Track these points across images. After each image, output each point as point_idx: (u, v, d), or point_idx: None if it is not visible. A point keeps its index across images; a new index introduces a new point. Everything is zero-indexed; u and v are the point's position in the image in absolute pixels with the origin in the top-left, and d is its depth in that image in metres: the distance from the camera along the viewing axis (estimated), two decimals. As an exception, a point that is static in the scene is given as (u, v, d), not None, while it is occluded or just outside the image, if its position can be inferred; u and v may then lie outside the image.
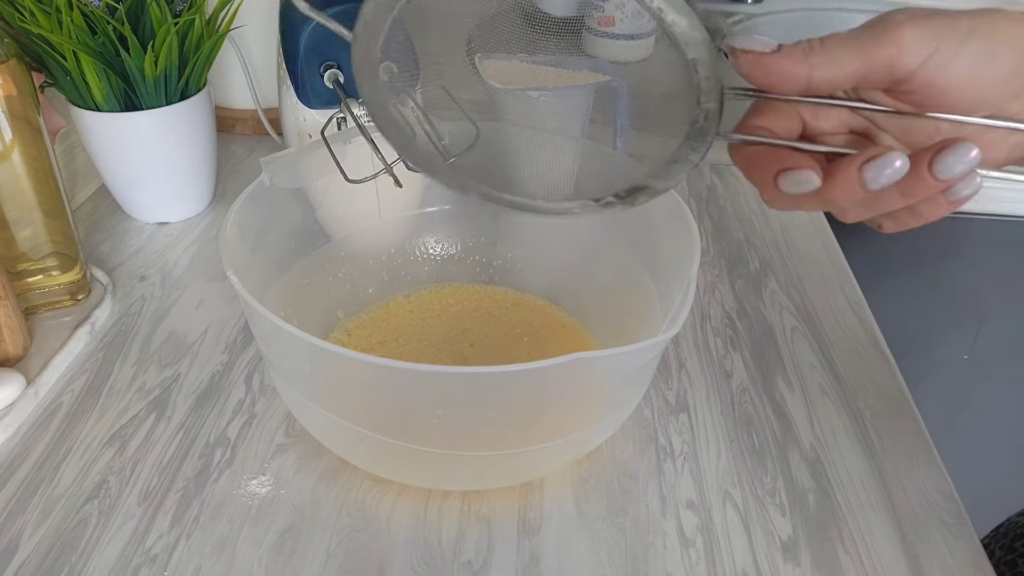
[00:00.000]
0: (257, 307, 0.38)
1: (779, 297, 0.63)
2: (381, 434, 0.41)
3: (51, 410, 0.51)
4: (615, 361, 0.37)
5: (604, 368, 0.38)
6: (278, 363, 0.43)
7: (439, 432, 0.40)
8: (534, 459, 0.43)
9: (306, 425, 0.46)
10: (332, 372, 0.40)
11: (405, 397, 0.40)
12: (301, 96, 0.57)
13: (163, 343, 0.56)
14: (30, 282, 0.55)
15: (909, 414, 0.53)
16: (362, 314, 0.56)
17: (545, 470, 0.47)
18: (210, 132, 0.68)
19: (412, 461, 0.42)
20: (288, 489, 0.46)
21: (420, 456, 0.41)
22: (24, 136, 0.51)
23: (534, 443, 0.42)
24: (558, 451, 0.44)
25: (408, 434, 0.41)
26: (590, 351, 0.35)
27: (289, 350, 0.41)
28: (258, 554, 0.42)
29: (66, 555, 0.42)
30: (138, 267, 0.64)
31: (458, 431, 0.41)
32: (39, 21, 0.56)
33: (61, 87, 0.62)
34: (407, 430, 0.41)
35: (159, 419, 0.50)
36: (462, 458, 0.42)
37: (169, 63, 0.61)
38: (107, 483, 0.46)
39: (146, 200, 0.69)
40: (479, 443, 0.41)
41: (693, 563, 0.43)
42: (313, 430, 0.45)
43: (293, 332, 0.37)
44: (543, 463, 0.45)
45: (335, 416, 0.41)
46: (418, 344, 0.54)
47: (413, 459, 0.42)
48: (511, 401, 0.39)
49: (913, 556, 0.43)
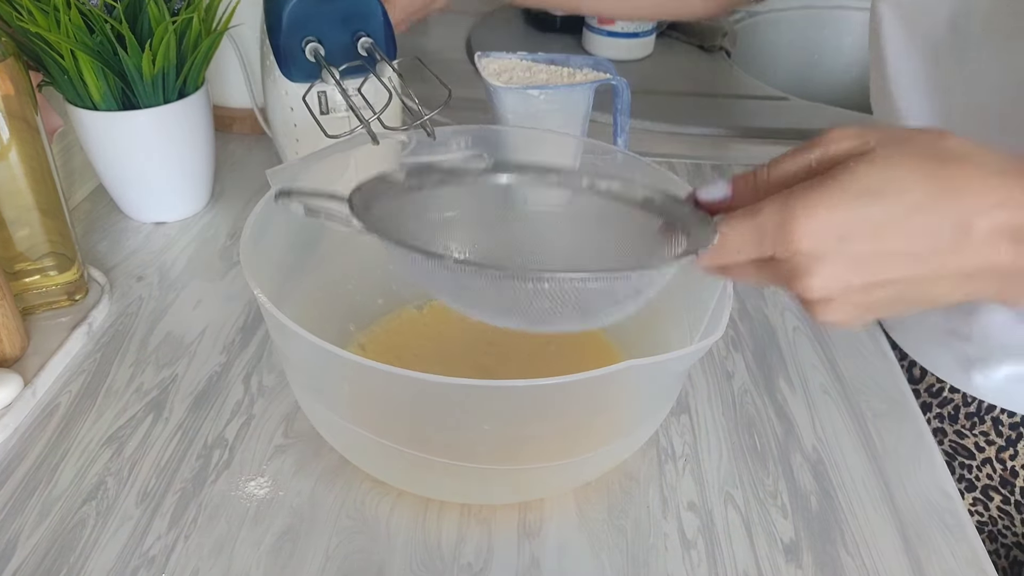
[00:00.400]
0: (299, 330, 0.36)
1: (781, 297, 0.63)
2: (424, 452, 0.39)
3: (49, 411, 0.50)
4: (664, 367, 0.36)
5: (653, 374, 0.37)
6: (311, 383, 0.42)
7: (484, 447, 0.39)
8: (579, 469, 0.42)
9: (335, 443, 0.44)
10: (374, 390, 0.38)
11: (453, 413, 0.38)
12: (283, 70, 0.57)
13: (161, 343, 0.56)
14: (27, 282, 0.55)
15: (911, 415, 0.52)
16: (374, 327, 0.54)
17: (587, 479, 0.45)
18: (208, 131, 0.68)
19: (455, 477, 0.41)
20: (287, 490, 0.46)
21: (464, 472, 0.40)
22: (21, 135, 0.51)
23: (581, 453, 0.41)
24: (602, 459, 0.43)
25: (452, 450, 0.39)
26: (634, 359, 0.34)
27: (327, 370, 0.39)
28: (256, 556, 0.42)
29: (64, 556, 0.42)
30: (136, 267, 0.64)
31: (507, 445, 0.39)
32: (37, 20, 0.55)
33: (59, 86, 0.62)
34: (451, 446, 0.39)
35: (157, 420, 0.50)
36: (508, 472, 0.40)
37: (167, 62, 0.61)
38: (105, 484, 0.46)
39: (144, 199, 0.68)
40: (527, 456, 0.39)
41: (694, 565, 0.42)
42: (345, 449, 0.44)
43: (338, 353, 0.35)
44: (586, 472, 0.44)
45: (373, 435, 0.39)
46: (438, 357, 0.52)
47: (456, 475, 0.40)
48: (565, 411, 0.38)
49: (915, 557, 0.43)
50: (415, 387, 0.36)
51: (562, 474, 0.42)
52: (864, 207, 0.30)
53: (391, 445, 0.40)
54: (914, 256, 0.31)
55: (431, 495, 0.45)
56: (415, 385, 0.35)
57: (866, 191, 0.30)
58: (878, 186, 0.30)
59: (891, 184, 0.30)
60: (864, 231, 0.31)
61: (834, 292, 0.32)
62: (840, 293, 0.32)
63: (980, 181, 0.31)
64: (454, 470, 0.40)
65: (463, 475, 0.40)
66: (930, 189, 0.31)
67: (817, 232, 0.31)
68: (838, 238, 0.31)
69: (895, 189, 0.30)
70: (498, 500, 0.45)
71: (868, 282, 0.32)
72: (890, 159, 0.31)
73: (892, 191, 0.30)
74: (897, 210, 0.31)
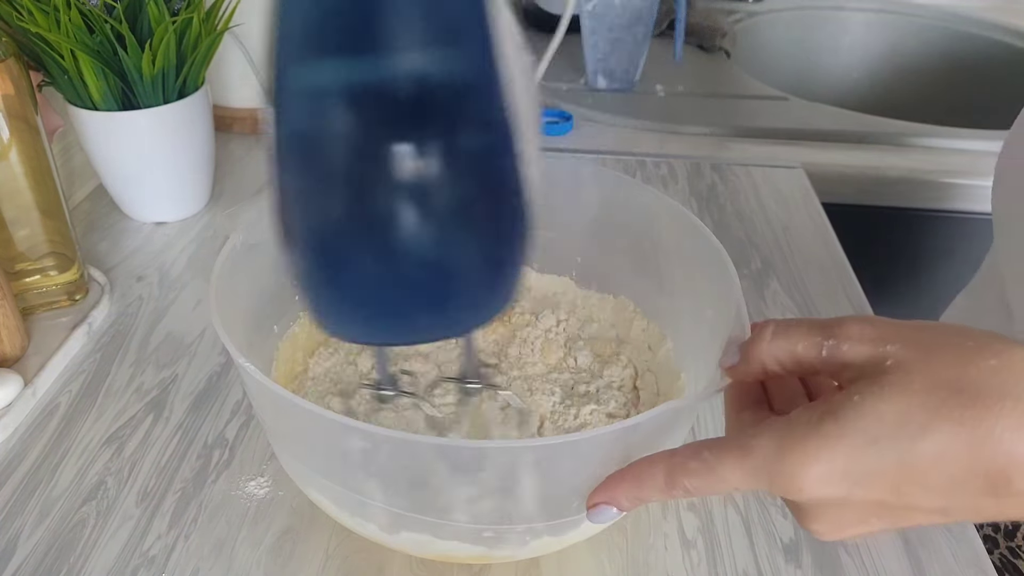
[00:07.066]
0: (320, 412, 0.31)
1: (781, 298, 0.63)
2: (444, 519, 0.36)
3: (49, 411, 0.50)
4: (695, 403, 0.34)
5: (687, 411, 0.36)
6: (318, 465, 0.37)
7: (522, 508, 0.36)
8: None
9: (350, 523, 0.39)
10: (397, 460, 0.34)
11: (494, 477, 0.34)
12: None
13: (161, 343, 0.56)
14: (28, 282, 0.55)
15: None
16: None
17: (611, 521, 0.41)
18: (208, 131, 0.68)
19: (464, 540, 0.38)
20: (287, 490, 0.46)
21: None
22: (22, 135, 0.51)
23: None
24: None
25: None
26: (675, 400, 0.33)
27: (341, 442, 0.35)
28: (256, 556, 0.42)
29: (64, 556, 0.42)
30: (136, 267, 0.64)
31: (541, 503, 0.35)
32: (37, 20, 0.55)
33: (59, 86, 0.62)
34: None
35: (157, 420, 0.50)
36: (536, 529, 0.37)
37: (167, 62, 0.61)
38: (105, 484, 0.46)
39: (144, 199, 0.68)
40: (559, 511, 0.36)
41: (694, 564, 0.42)
42: (360, 527, 0.39)
43: (370, 430, 0.31)
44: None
45: (391, 506, 0.36)
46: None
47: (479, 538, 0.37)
48: (603, 462, 0.33)
49: (915, 557, 0.43)
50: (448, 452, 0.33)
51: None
52: (874, 458, 0.26)
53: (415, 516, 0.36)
54: (941, 511, 0.27)
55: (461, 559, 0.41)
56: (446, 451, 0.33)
57: (875, 440, 0.26)
58: (890, 431, 0.26)
59: (905, 428, 0.26)
60: (875, 484, 0.26)
61: (846, 535, 0.29)
62: (851, 535, 0.29)
63: (1016, 421, 0.25)
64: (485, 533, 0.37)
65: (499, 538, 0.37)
66: (954, 433, 0.25)
67: (818, 483, 0.27)
68: (845, 490, 0.27)
69: (909, 434, 0.25)
70: (529, 555, 0.42)
71: (881, 529, 0.29)
72: (906, 390, 0.26)
73: (906, 436, 0.26)
74: (913, 458, 0.25)
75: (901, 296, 0.94)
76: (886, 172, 0.82)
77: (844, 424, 0.26)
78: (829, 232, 0.71)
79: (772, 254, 0.68)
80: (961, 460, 0.25)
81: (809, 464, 0.26)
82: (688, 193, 0.77)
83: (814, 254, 0.68)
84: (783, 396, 0.34)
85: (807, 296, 0.63)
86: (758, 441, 0.28)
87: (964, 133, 0.87)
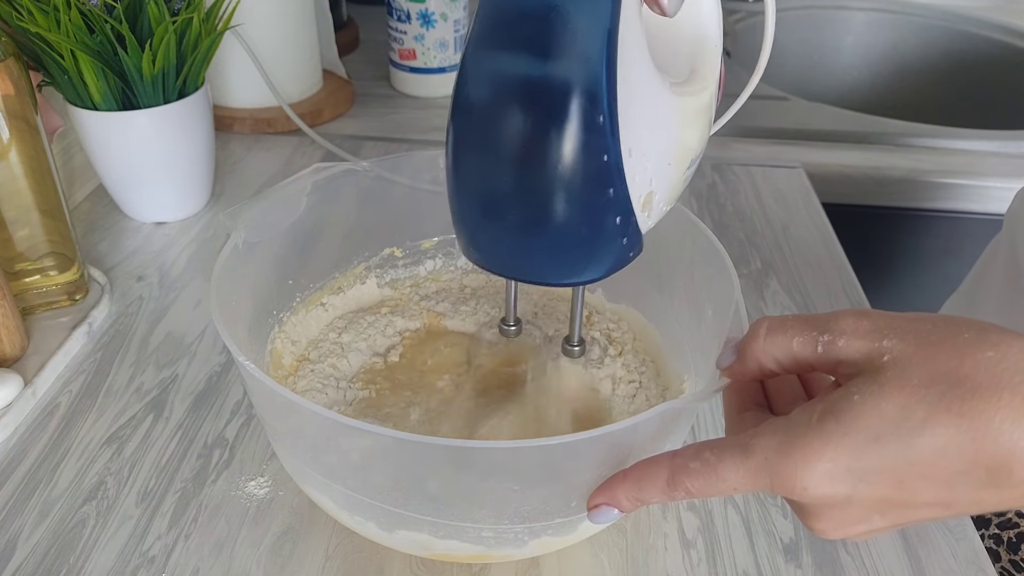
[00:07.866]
0: (320, 412, 0.32)
1: (781, 298, 0.63)
2: (449, 519, 0.36)
3: (49, 411, 0.50)
4: (694, 403, 0.34)
5: (687, 412, 0.36)
6: (318, 464, 0.37)
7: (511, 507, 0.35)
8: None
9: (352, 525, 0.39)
10: (399, 460, 0.35)
11: (489, 477, 0.35)
12: None
13: (161, 343, 0.56)
14: (27, 282, 0.55)
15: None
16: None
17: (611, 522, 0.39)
18: (208, 131, 0.68)
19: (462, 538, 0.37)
20: (287, 490, 0.46)
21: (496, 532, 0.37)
22: (22, 135, 0.51)
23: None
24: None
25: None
26: (674, 400, 0.33)
27: (341, 441, 0.35)
28: (256, 556, 0.42)
29: (64, 556, 0.42)
30: (136, 267, 0.64)
31: (539, 503, 0.35)
32: (37, 20, 0.55)
33: (59, 86, 0.62)
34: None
35: (157, 420, 0.50)
36: (535, 528, 0.37)
37: (167, 62, 0.61)
38: (105, 484, 0.46)
39: (144, 199, 0.68)
40: (557, 511, 0.36)
41: (694, 564, 0.42)
42: (364, 530, 0.39)
43: (387, 434, 0.31)
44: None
45: (390, 505, 0.36)
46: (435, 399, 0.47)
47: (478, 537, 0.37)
48: (603, 462, 0.34)
49: (915, 557, 0.43)
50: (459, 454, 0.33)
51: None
52: (877, 454, 0.26)
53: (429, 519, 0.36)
54: (943, 504, 0.27)
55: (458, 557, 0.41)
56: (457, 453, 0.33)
57: (877, 437, 0.26)
58: (891, 428, 0.26)
59: (906, 423, 0.26)
60: (879, 480, 0.26)
61: (851, 535, 0.29)
62: (855, 533, 0.29)
63: (1015, 412, 0.25)
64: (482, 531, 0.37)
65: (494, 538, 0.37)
66: (954, 426, 0.25)
67: (822, 482, 0.27)
68: (849, 487, 0.27)
69: (910, 429, 0.26)
70: (526, 555, 0.41)
71: (884, 526, 0.29)
72: (905, 385, 0.26)
73: (907, 431, 0.26)
74: (916, 453, 0.26)
75: (901, 296, 0.94)
76: (887, 172, 0.82)
77: (845, 422, 0.26)
78: (829, 232, 0.71)
79: (772, 254, 0.68)
80: (963, 452, 0.25)
81: (812, 463, 0.27)
82: (688, 193, 0.77)
83: (814, 254, 0.68)
84: (783, 396, 0.34)
85: (807, 296, 0.63)
86: (759, 441, 0.28)
87: (964, 133, 0.87)
